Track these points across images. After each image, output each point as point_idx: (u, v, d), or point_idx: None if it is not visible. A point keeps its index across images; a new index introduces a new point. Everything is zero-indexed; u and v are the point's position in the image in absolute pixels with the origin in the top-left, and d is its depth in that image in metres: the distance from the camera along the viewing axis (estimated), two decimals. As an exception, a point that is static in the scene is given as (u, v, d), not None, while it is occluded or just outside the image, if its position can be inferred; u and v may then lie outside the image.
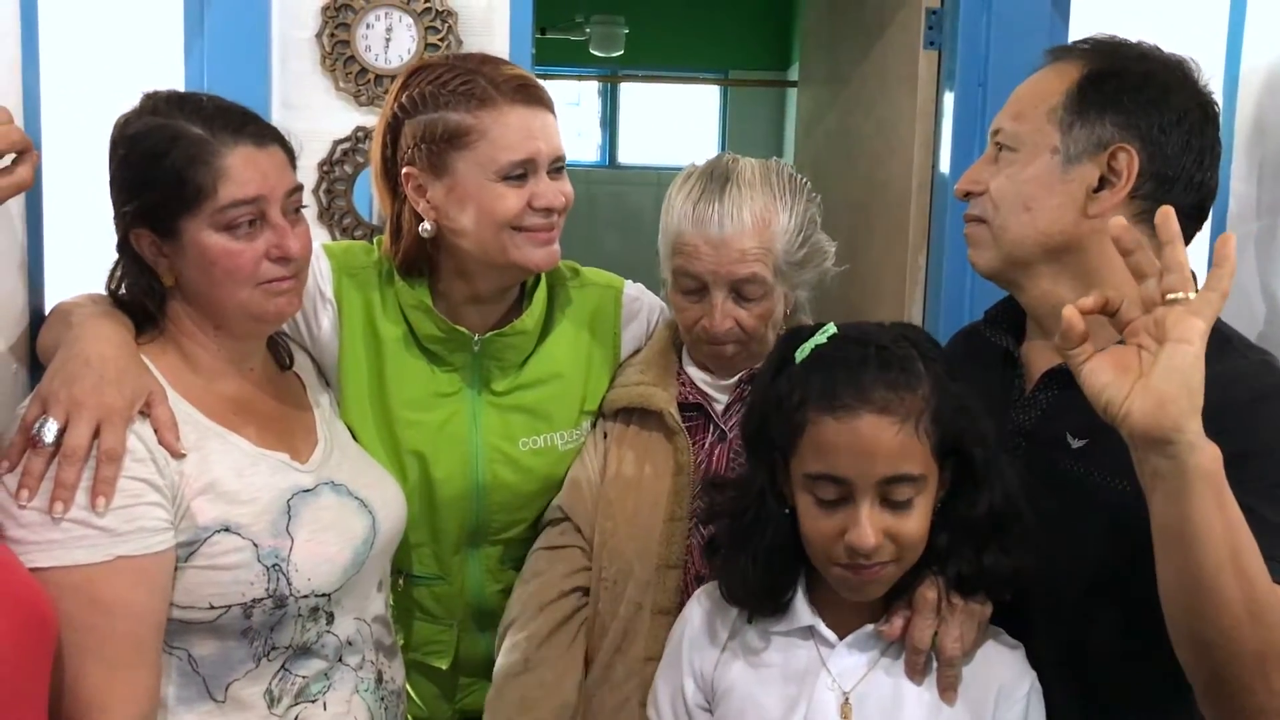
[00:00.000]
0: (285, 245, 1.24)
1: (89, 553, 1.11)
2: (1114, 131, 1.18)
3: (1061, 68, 1.23)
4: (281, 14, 2.07)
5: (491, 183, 1.40)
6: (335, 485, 1.32)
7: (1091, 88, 1.19)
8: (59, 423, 1.12)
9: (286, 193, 1.26)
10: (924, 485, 1.11)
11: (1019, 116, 1.23)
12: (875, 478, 1.09)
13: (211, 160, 1.20)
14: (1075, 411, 1.20)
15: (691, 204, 1.43)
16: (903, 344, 1.14)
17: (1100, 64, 1.21)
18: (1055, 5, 2.22)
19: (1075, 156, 1.19)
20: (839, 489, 1.10)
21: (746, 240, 1.41)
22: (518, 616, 1.49)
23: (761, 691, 1.19)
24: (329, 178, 2.12)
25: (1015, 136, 1.23)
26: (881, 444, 1.08)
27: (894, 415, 1.09)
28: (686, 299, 1.46)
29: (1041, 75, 1.25)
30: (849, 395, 1.09)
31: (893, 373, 1.11)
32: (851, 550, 1.10)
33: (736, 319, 1.44)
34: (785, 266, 1.44)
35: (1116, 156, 1.17)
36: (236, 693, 1.22)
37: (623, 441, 1.53)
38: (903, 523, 1.11)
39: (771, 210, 1.43)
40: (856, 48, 2.93)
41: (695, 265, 1.43)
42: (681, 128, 6.56)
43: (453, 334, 1.48)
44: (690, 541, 1.46)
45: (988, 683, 1.15)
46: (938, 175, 2.46)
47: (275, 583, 1.21)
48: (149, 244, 1.24)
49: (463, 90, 1.39)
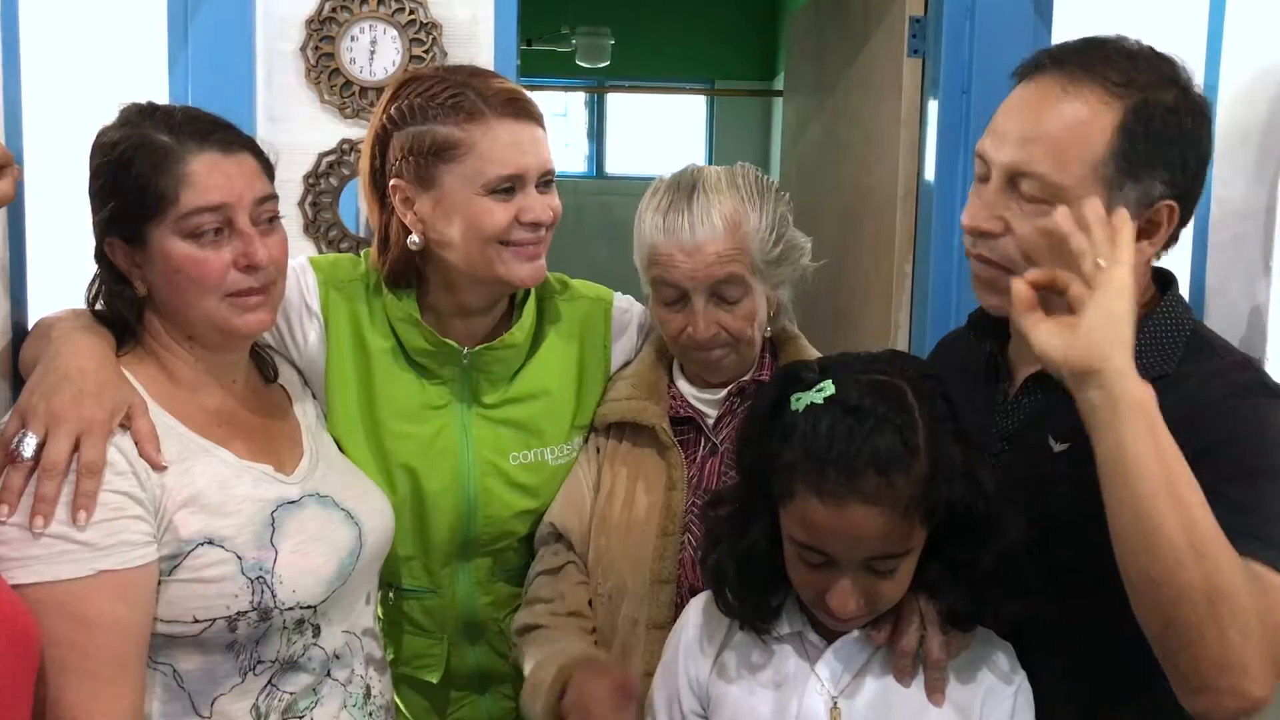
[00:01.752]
0: (252, 253, 1.23)
1: (71, 568, 1.10)
2: (1163, 189, 1.12)
3: (1090, 99, 1.11)
4: (266, 27, 2.07)
5: (479, 196, 1.39)
6: (320, 497, 1.32)
7: (1142, 137, 1.11)
8: (38, 437, 1.11)
9: (256, 200, 1.24)
10: (910, 554, 1.11)
11: (1061, 167, 1.11)
12: (860, 557, 1.09)
13: (174, 167, 1.19)
14: (1057, 415, 1.20)
15: (661, 215, 1.44)
16: (902, 405, 1.08)
17: (1136, 100, 1.11)
18: (1038, 11, 2.23)
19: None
20: (823, 558, 1.10)
21: (720, 243, 1.41)
22: (543, 626, 1.47)
23: (753, 697, 1.19)
24: (314, 190, 2.12)
25: (1055, 189, 1.11)
26: (868, 530, 1.06)
27: (883, 504, 1.05)
28: (669, 310, 1.46)
29: (1065, 105, 1.12)
30: (837, 481, 1.05)
31: (886, 453, 1.05)
32: (830, 610, 1.11)
33: (720, 323, 1.44)
34: (762, 265, 1.44)
35: (1159, 212, 1.13)
36: (223, 708, 1.22)
37: (615, 457, 1.53)
38: (883, 586, 1.11)
39: (741, 211, 1.43)
40: (841, 56, 2.95)
41: (672, 274, 1.43)
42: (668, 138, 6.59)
43: (441, 347, 1.48)
44: (683, 556, 1.46)
45: (975, 683, 1.16)
46: (923, 182, 2.48)
47: (259, 595, 1.20)
48: (121, 253, 1.23)
49: (451, 103, 1.39)
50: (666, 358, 1.57)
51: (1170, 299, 1.21)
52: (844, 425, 1.06)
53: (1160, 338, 1.18)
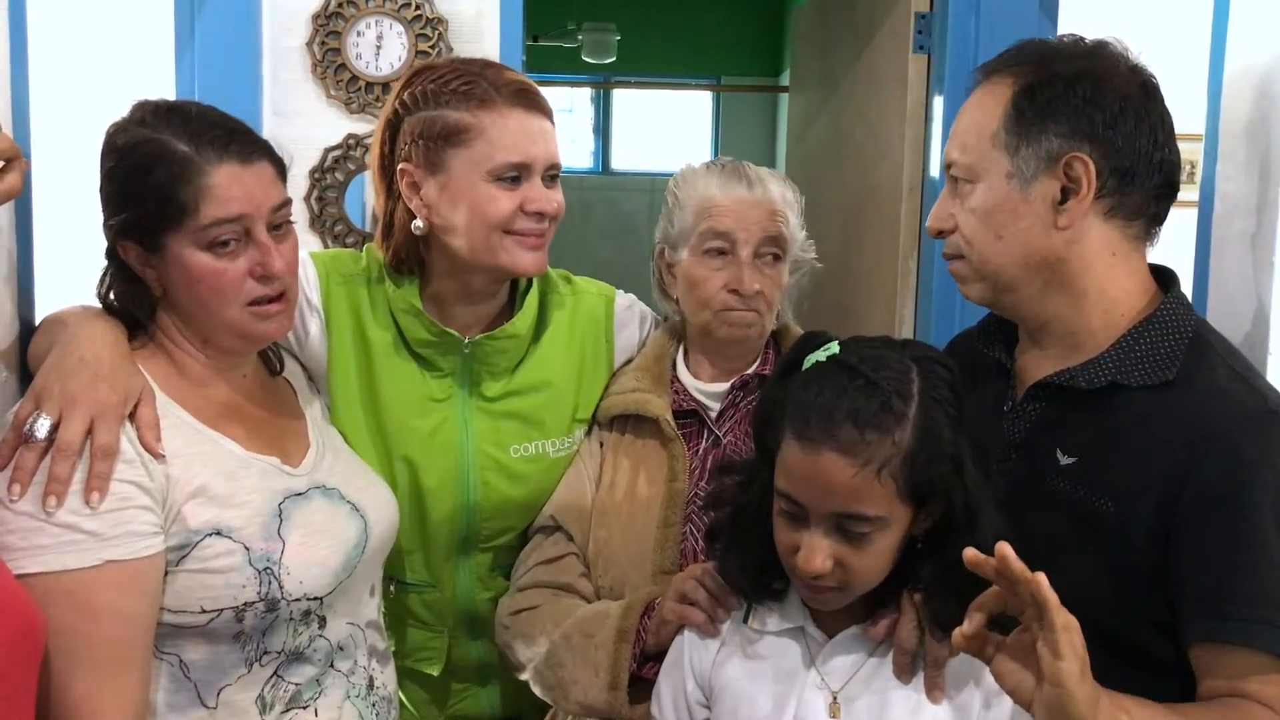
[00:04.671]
0: (268, 264, 1.24)
1: (78, 557, 1.11)
2: (1060, 142, 1.17)
3: (993, 88, 1.22)
4: (272, 22, 2.08)
5: (485, 183, 1.40)
6: (327, 489, 1.32)
7: (1026, 104, 1.18)
8: (52, 419, 1.12)
9: (273, 208, 1.25)
10: (884, 525, 1.10)
11: (965, 149, 1.23)
12: (828, 510, 1.10)
13: (195, 179, 1.20)
14: (1064, 426, 1.21)
15: (717, 174, 1.52)
16: (901, 378, 1.10)
17: (1027, 76, 1.20)
18: (1043, 8, 2.23)
19: (1030, 176, 1.19)
20: (797, 509, 1.12)
21: (773, 203, 1.50)
22: (549, 623, 1.45)
23: (754, 689, 1.20)
24: (320, 185, 2.12)
25: (967, 169, 1.23)
26: (837, 482, 1.08)
27: (855, 457, 1.07)
28: (712, 263, 1.49)
29: (976, 100, 1.24)
30: (817, 428, 1.09)
31: (867, 412, 1.08)
32: (796, 565, 1.12)
33: (759, 283, 1.47)
34: (794, 243, 1.52)
35: (1071, 165, 1.17)
36: (228, 699, 1.22)
37: (618, 449, 1.54)
38: (856, 555, 1.11)
39: (785, 189, 1.54)
40: (847, 52, 2.95)
41: (726, 222, 1.48)
42: (674, 133, 6.59)
43: (443, 336, 1.48)
44: (684, 547, 1.46)
45: (975, 682, 1.15)
46: (928, 178, 2.47)
47: (267, 586, 1.21)
48: (136, 256, 1.24)
49: (464, 90, 1.40)
50: (671, 352, 1.58)
51: (1172, 299, 1.21)
52: (836, 381, 1.10)
53: (1161, 342, 1.18)
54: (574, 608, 1.45)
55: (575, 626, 1.42)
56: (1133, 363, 1.18)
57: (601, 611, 1.42)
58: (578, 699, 1.39)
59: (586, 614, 1.43)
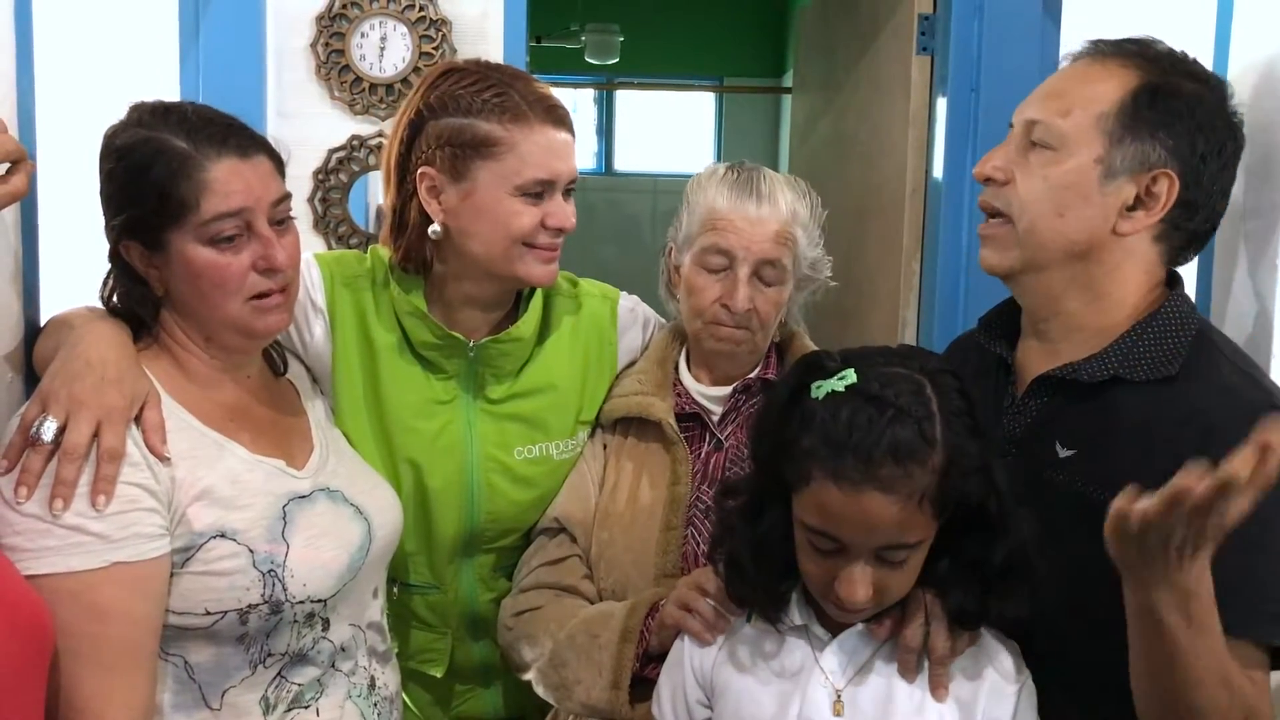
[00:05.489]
0: (271, 256, 1.24)
1: (85, 559, 1.11)
2: (1163, 155, 1.16)
3: (1115, 70, 1.18)
4: (276, 23, 2.08)
5: (510, 197, 1.41)
6: (331, 492, 1.33)
7: (1148, 103, 1.16)
8: (59, 421, 1.12)
9: (273, 202, 1.26)
10: (922, 546, 1.11)
11: (1066, 113, 1.18)
12: (872, 545, 1.09)
13: (194, 174, 1.20)
14: (1064, 420, 1.21)
15: (729, 185, 1.49)
16: (923, 399, 1.08)
17: (1157, 77, 1.17)
18: (1047, 9, 2.23)
19: (1118, 171, 1.17)
20: (834, 544, 1.10)
21: (780, 224, 1.47)
22: (553, 624, 1.45)
23: (757, 689, 1.19)
24: (324, 186, 2.13)
25: (1058, 135, 1.18)
26: (883, 520, 1.06)
27: (899, 493, 1.05)
28: (709, 277, 1.48)
29: (1091, 71, 1.20)
30: (856, 469, 1.05)
31: (905, 443, 1.05)
32: (839, 597, 1.11)
33: (754, 301, 1.46)
34: (801, 263, 1.51)
35: (1158, 180, 1.16)
36: (232, 700, 1.23)
37: (621, 452, 1.54)
38: (893, 577, 1.11)
39: (799, 205, 1.51)
40: (850, 54, 2.95)
41: (728, 239, 1.46)
42: (677, 135, 6.59)
43: (448, 339, 1.49)
44: (686, 550, 1.47)
45: (978, 680, 1.16)
46: (931, 180, 2.48)
47: (271, 588, 1.21)
48: (139, 256, 1.24)
49: (496, 102, 1.40)
50: (673, 355, 1.58)
51: (1175, 297, 1.22)
52: (864, 414, 1.07)
53: (1164, 338, 1.18)
54: (577, 609, 1.46)
55: (580, 626, 1.42)
56: (1136, 357, 1.18)
57: (606, 611, 1.42)
58: (580, 699, 1.39)
59: (591, 614, 1.43)
